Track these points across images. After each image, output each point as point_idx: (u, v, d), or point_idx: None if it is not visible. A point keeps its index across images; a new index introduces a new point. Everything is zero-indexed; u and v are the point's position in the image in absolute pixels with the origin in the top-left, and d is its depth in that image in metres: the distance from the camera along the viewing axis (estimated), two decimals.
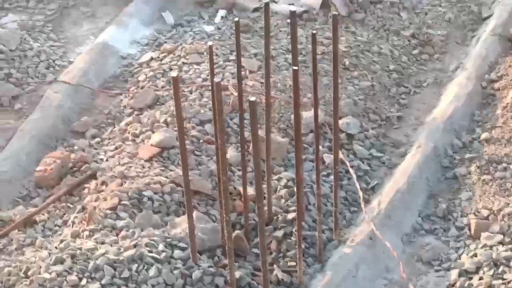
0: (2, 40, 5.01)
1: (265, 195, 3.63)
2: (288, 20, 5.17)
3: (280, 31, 5.21)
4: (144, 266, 3.30)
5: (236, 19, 4.62)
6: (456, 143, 4.28)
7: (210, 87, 4.46)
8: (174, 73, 2.56)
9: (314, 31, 3.29)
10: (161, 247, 3.42)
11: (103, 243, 3.48)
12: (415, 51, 5.12)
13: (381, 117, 4.56)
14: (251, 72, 4.67)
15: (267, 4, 3.51)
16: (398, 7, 5.44)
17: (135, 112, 4.53)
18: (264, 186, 3.60)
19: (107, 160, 4.17)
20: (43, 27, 5.42)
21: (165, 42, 5.20)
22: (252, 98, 2.71)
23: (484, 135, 4.26)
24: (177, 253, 3.42)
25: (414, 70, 4.98)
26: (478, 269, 3.44)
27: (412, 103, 4.72)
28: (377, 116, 4.55)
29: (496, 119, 4.38)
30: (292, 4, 5.45)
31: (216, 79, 2.91)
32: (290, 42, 3.54)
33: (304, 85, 4.40)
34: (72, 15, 5.57)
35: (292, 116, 4.27)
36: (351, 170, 4.01)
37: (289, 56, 4.77)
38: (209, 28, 5.32)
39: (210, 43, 3.34)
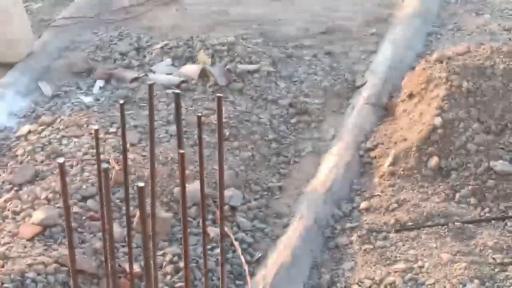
0: None
1: None
2: (168, 91, 5.26)
3: (160, 101, 5.21)
4: None
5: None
6: (337, 212, 4.35)
7: (91, 161, 4.51)
8: (60, 159, 2.52)
9: (200, 114, 3.33)
10: None
11: None
12: (293, 120, 5.21)
13: (262, 187, 4.61)
14: (132, 145, 4.65)
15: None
16: (275, 76, 5.56)
17: (15, 188, 4.40)
18: None
19: None
20: None
21: (43, 114, 5.12)
22: (141, 184, 2.71)
23: (363, 204, 4.35)
24: None
25: (292, 139, 5.05)
26: None
27: (292, 173, 4.78)
28: (258, 187, 4.59)
29: (374, 188, 4.49)
30: (170, 74, 5.52)
31: (103, 165, 2.91)
32: (174, 118, 3.57)
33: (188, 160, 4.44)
34: None
35: (175, 189, 4.33)
36: (235, 243, 4.03)
37: (170, 128, 4.88)
38: (88, 99, 5.28)
39: (95, 127, 3.33)
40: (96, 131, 3.35)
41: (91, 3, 6.50)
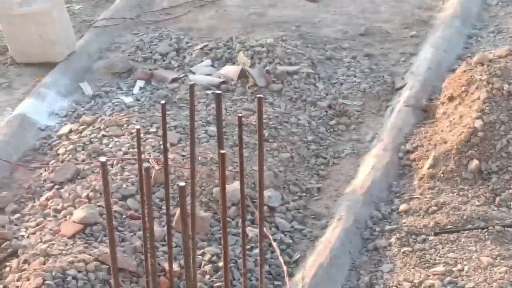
0: None
1: None
2: (208, 92, 5.28)
3: (199, 102, 5.21)
4: None
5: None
6: (376, 214, 4.32)
7: (131, 161, 4.55)
8: (102, 159, 2.55)
9: (240, 114, 3.34)
10: None
11: None
12: (332, 122, 5.18)
13: (301, 188, 4.59)
14: (171, 145, 4.64)
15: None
16: (314, 77, 5.53)
17: (56, 187, 4.44)
18: None
19: (28, 237, 4.06)
20: None
21: (84, 114, 5.14)
22: (182, 184, 2.73)
23: (403, 207, 4.31)
24: None
25: (331, 140, 5.03)
26: None
27: (331, 174, 4.75)
28: (297, 188, 4.58)
29: (413, 190, 4.45)
30: (210, 74, 5.54)
31: (144, 165, 2.93)
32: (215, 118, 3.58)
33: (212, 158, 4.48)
34: None
35: (214, 189, 4.34)
36: (274, 244, 4.03)
37: (209, 128, 4.88)
38: (128, 99, 5.30)
39: (137, 126, 3.35)
40: (138, 130, 3.38)
41: (130, 4, 6.54)
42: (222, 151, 3.21)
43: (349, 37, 6.11)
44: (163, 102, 3.15)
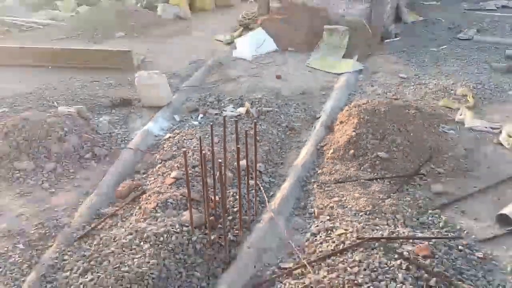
0: (100, 128, 4.93)
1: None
2: (232, 119, 5.26)
3: (228, 123, 5.14)
4: (170, 235, 3.28)
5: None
6: (307, 175, 4.31)
7: (197, 150, 4.54)
8: (183, 149, 2.58)
9: (246, 130, 3.33)
10: (177, 226, 3.40)
11: (150, 224, 3.44)
12: (288, 132, 5.13)
13: (274, 162, 4.53)
14: (215, 143, 4.64)
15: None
16: (279, 113, 5.47)
17: (162, 162, 4.46)
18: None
19: (150, 184, 4.12)
20: (119, 122, 5.31)
21: (175, 129, 5.14)
22: (220, 161, 2.73)
23: (319, 171, 4.31)
24: (184, 229, 3.40)
25: (287, 141, 4.98)
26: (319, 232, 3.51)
27: (287, 157, 4.68)
28: (272, 163, 4.53)
29: (323, 164, 4.44)
30: (232, 112, 5.52)
31: (203, 152, 2.93)
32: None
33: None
34: (132, 117, 5.47)
35: (234, 163, 4.31)
36: (261, 188, 4.03)
37: (232, 136, 4.83)
38: (195, 123, 5.30)
39: (198, 135, 3.34)
40: (200, 138, 3.39)
41: (196, 79, 6.49)
42: (238, 146, 3.25)
43: (295, 95, 6.07)
44: (211, 124, 3.17)
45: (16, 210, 3.84)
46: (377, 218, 3.57)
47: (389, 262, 2.99)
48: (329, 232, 3.45)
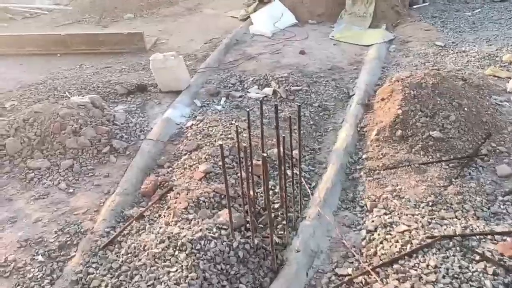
0: (116, 119, 4.37)
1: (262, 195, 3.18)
2: (257, 101, 4.73)
3: (254, 106, 4.66)
4: (208, 242, 2.78)
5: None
6: (350, 160, 3.80)
7: (224, 138, 4.01)
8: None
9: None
10: (214, 230, 2.90)
11: (183, 228, 2.95)
12: (321, 113, 4.59)
13: (310, 148, 4.04)
14: (243, 129, 4.11)
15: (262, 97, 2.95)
16: (309, 92, 4.93)
17: (188, 153, 3.94)
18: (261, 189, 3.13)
19: (177, 180, 3.61)
20: (136, 110, 4.76)
21: (198, 115, 4.60)
22: (264, 155, 2.22)
23: (364, 156, 3.80)
24: (223, 232, 2.90)
25: (322, 123, 4.45)
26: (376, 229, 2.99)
27: (324, 141, 4.18)
28: (308, 148, 4.03)
29: (367, 147, 3.91)
30: (257, 93, 4.97)
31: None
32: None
33: (270, 135, 3.92)
34: (149, 104, 4.93)
35: (268, 151, 3.80)
36: (302, 180, 3.50)
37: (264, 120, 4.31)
38: (219, 107, 4.75)
39: (236, 123, 2.82)
40: (237, 127, 2.86)
41: (214, 60, 5.91)
42: (277, 128, 2.71)
43: (323, 71, 5.50)
44: (248, 110, 2.61)
45: (33, 216, 3.39)
46: (442, 210, 3.03)
47: (470, 266, 2.48)
48: (388, 228, 2.93)
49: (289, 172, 3.58)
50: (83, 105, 4.32)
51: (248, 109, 4.20)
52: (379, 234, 2.92)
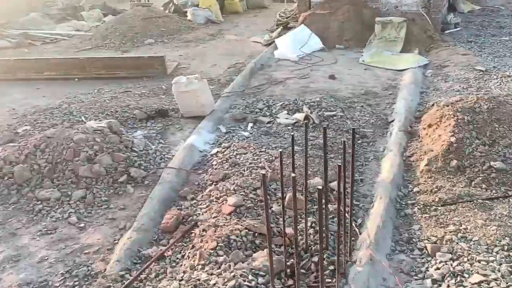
0: (135, 144, 3.97)
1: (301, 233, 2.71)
2: (288, 127, 4.33)
3: (285, 133, 4.26)
4: None
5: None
6: (400, 194, 3.32)
7: (254, 167, 3.59)
8: (263, 171, 1.68)
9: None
10: (250, 277, 2.42)
11: (212, 274, 2.47)
12: (359, 141, 4.16)
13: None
14: (275, 157, 3.69)
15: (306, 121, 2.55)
16: (344, 118, 4.52)
17: (214, 184, 3.50)
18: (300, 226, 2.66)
19: (202, 214, 3.16)
20: (156, 136, 4.38)
21: (223, 142, 4.20)
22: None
23: (415, 189, 3.32)
24: (260, 280, 2.42)
25: (361, 151, 4.01)
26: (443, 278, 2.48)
27: (366, 171, 3.72)
28: (348, 179, 3.54)
29: (418, 179, 3.45)
30: (287, 118, 4.57)
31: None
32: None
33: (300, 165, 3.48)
34: (171, 129, 4.56)
35: (303, 181, 3.36)
36: (350, 217, 3.03)
37: (297, 148, 3.88)
38: (245, 133, 4.36)
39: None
40: (281, 153, 2.43)
41: (239, 84, 5.60)
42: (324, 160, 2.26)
43: (356, 96, 5.12)
44: (292, 134, 2.19)
45: (38, 254, 2.96)
46: None
47: None
48: (459, 278, 2.43)
49: (331, 207, 3.16)
50: (99, 130, 3.96)
51: (278, 136, 3.80)
52: (448, 286, 2.40)
